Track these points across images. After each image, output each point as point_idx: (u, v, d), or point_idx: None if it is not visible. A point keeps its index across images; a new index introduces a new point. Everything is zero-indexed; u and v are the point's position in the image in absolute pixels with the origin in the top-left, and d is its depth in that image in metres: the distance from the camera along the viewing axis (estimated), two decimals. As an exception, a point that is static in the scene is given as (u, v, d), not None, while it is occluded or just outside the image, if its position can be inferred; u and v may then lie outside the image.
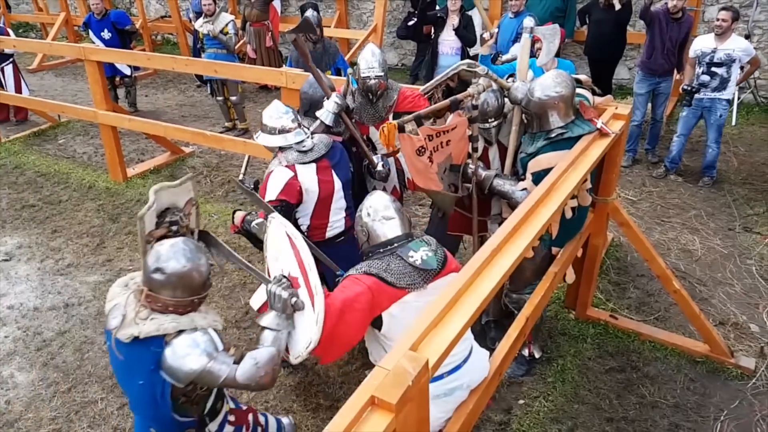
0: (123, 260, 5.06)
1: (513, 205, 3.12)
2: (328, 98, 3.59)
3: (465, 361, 2.47)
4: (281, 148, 3.27)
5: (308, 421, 3.47)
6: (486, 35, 4.23)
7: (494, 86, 3.43)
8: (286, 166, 3.22)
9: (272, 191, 3.19)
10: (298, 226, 3.32)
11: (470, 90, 3.37)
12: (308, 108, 3.76)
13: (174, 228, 2.39)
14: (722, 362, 3.69)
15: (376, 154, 3.77)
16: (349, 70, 3.98)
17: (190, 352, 2.15)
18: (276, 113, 3.28)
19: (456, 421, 2.42)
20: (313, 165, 3.27)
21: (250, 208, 4.61)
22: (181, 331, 2.18)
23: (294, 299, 2.18)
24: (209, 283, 2.28)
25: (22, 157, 7.21)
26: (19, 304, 4.58)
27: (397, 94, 3.94)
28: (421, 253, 2.40)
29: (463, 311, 1.93)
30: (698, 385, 3.59)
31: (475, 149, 3.48)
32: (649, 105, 6.34)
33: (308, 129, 3.35)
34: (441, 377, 2.36)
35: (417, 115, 3.35)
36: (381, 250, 2.43)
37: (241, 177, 4.85)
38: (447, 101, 3.45)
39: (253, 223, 3.27)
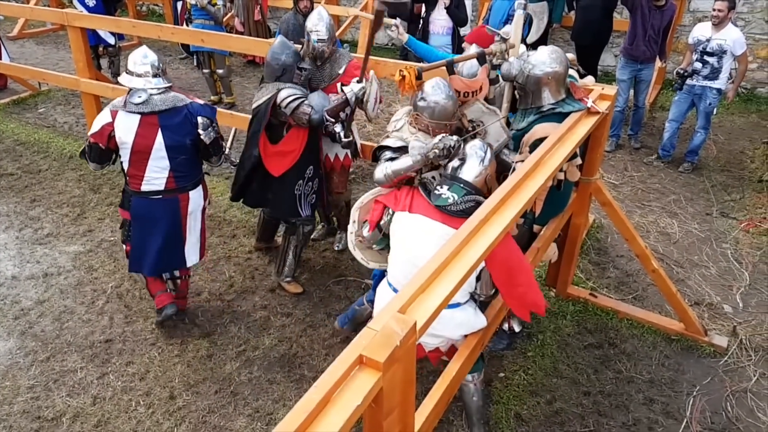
0: (104, 231, 5.00)
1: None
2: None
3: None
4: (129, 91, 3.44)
5: (291, 392, 3.50)
6: (393, 29, 4.35)
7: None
8: (111, 110, 3.43)
9: (91, 129, 3.50)
10: (122, 168, 3.59)
11: (493, 47, 3.39)
12: (281, 74, 3.79)
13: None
14: (696, 340, 3.80)
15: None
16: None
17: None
18: (139, 58, 3.44)
19: (438, 388, 2.47)
20: (138, 116, 3.37)
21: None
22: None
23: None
24: (455, 117, 3.13)
25: (0, 125, 7.04)
26: (-3, 272, 4.52)
27: (346, 66, 4.05)
28: (447, 193, 2.66)
29: (450, 277, 1.96)
30: (673, 361, 3.70)
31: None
32: (632, 91, 6.41)
33: (165, 83, 3.47)
34: None
35: (449, 61, 3.41)
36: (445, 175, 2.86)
37: (226, 151, 4.84)
38: (475, 52, 3.48)
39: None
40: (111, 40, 8.00)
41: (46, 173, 5.96)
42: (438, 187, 2.70)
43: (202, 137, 3.51)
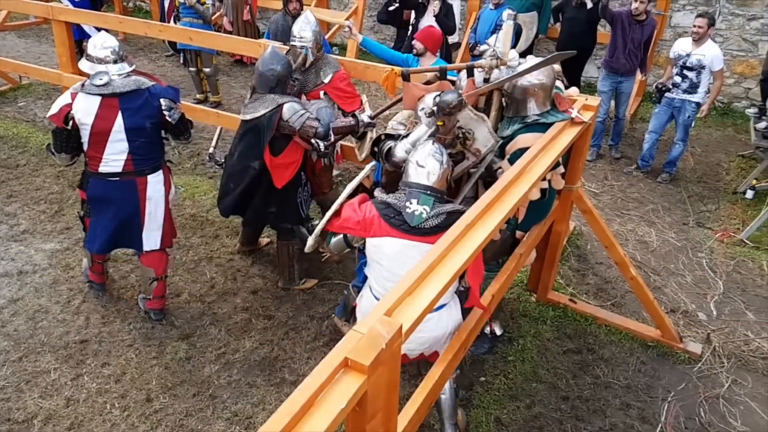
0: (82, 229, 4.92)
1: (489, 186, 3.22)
2: None
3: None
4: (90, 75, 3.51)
5: (272, 395, 3.48)
6: (346, 30, 4.55)
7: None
8: (71, 92, 3.49)
9: (50, 111, 3.55)
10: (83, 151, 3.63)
11: (482, 62, 3.44)
12: (275, 84, 3.74)
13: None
14: (672, 347, 3.87)
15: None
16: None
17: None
18: (99, 43, 3.52)
19: (420, 392, 2.47)
20: (98, 98, 3.42)
21: (218, 181, 4.55)
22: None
23: None
24: (453, 130, 3.11)
25: (-23, 119, 6.90)
26: (-31, 269, 4.42)
27: (332, 76, 4.08)
28: (418, 208, 2.62)
29: (436, 281, 1.98)
30: (649, 367, 3.76)
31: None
32: (613, 103, 6.51)
33: (129, 68, 3.55)
34: None
35: (443, 68, 3.52)
36: (402, 187, 2.77)
37: (211, 150, 4.82)
38: (464, 65, 3.57)
39: None
40: (95, 36, 7.90)
41: (24, 168, 5.85)
42: (407, 204, 2.66)
43: (168, 118, 3.57)
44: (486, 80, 3.45)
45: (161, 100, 3.56)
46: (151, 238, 3.76)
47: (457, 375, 3.06)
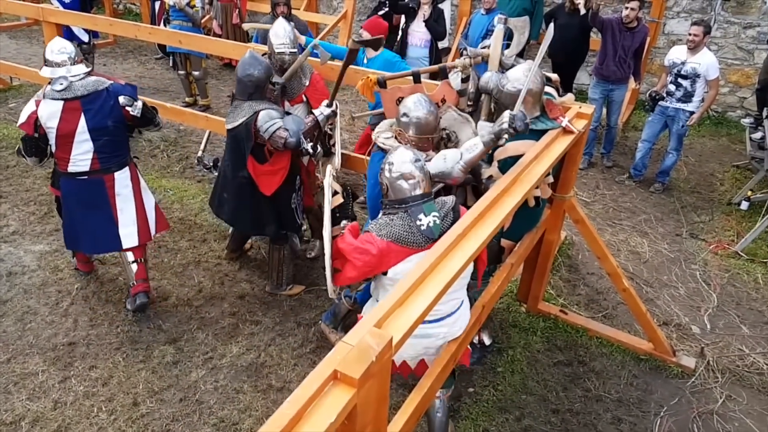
0: (71, 231, 4.87)
1: (478, 193, 3.20)
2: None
3: (450, 314, 2.65)
4: (50, 81, 3.61)
5: (258, 401, 3.44)
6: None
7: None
8: (35, 100, 3.60)
9: (19, 120, 3.70)
10: (52, 152, 3.76)
11: (457, 62, 3.42)
12: (253, 90, 3.69)
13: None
14: (664, 360, 3.84)
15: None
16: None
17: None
18: (57, 49, 3.61)
19: (410, 403, 2.44)
20: (61, 102, 3.54)
21: (208, 187, 4.51)
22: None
23: None
24: (438, 130, 3.17)
25: (-33, 119, 6.83)
26: (-43, 270, 4.36)
27: (309, 80, 4.12)
28: (430, 219, 2.56)
29: (428, 292, 1.95)
30: (641, 381, 3.73)
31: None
32: (605, 111, 6.51)
33: (86, 69, 3.64)
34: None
35: (416, 72, 3.52)
36: (396, 206, 2.61)
37: (200, 154, 4.79)
38: (437, 66, 3.57)
39: None
40: (84, 38, 7.82)
41: (14, 170, 5.79)
42: (418, 222, 2.56)
43: (131, 112, 3.69)
44: (464, 80, 3.43)
45: (119, 98, 3.66)
46: (129, 234, 3.85)
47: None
